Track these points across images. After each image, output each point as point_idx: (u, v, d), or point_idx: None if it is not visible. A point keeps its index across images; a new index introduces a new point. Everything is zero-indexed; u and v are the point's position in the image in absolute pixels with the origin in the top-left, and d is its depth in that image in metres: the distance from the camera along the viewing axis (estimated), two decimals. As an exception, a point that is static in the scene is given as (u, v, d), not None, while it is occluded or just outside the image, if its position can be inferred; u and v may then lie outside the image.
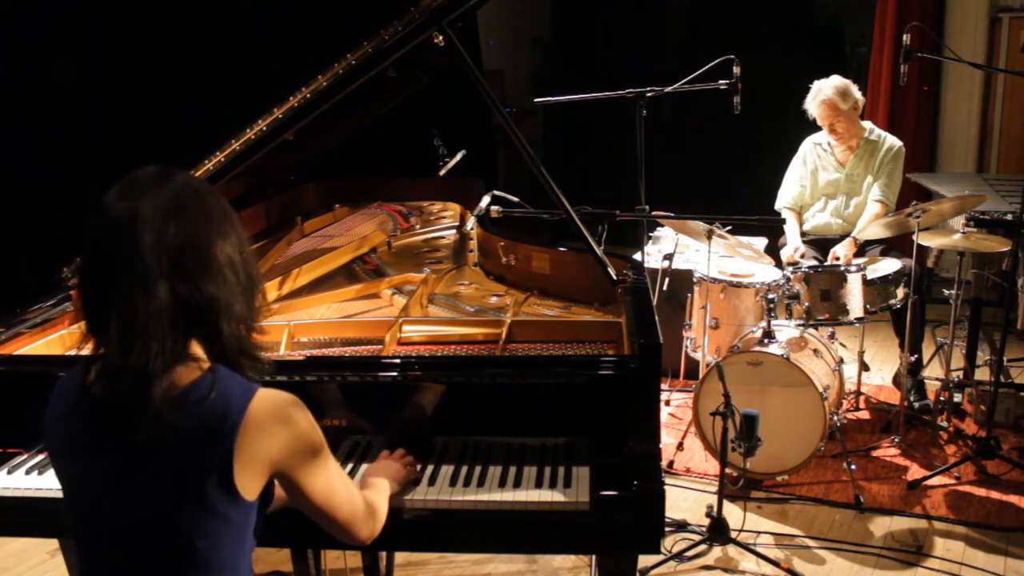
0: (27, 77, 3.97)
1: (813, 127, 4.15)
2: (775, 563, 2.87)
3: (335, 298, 2.61)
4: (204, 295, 1.31)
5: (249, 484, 1.32)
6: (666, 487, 1.76)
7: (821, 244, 4.14)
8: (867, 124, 4.10)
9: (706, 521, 2.93)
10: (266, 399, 1.33)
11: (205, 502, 1.30)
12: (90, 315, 1.34)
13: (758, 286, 3.61)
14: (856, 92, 3.98)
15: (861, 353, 3.99)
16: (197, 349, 1.35)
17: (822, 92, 3.96)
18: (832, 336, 3.86)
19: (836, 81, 3.97)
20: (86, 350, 1.36)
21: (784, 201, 4.25)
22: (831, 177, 4.13)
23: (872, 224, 3.66)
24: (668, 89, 3.67)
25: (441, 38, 2.26)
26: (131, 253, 1.27)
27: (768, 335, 3.40)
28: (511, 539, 1.82)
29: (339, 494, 1.46)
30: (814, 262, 3.90)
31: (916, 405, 3.95)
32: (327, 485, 1.43)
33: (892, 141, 4.06)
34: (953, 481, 3.40)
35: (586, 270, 2.41)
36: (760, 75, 5.08)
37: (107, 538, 1.36)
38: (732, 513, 3.04)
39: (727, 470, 2.94)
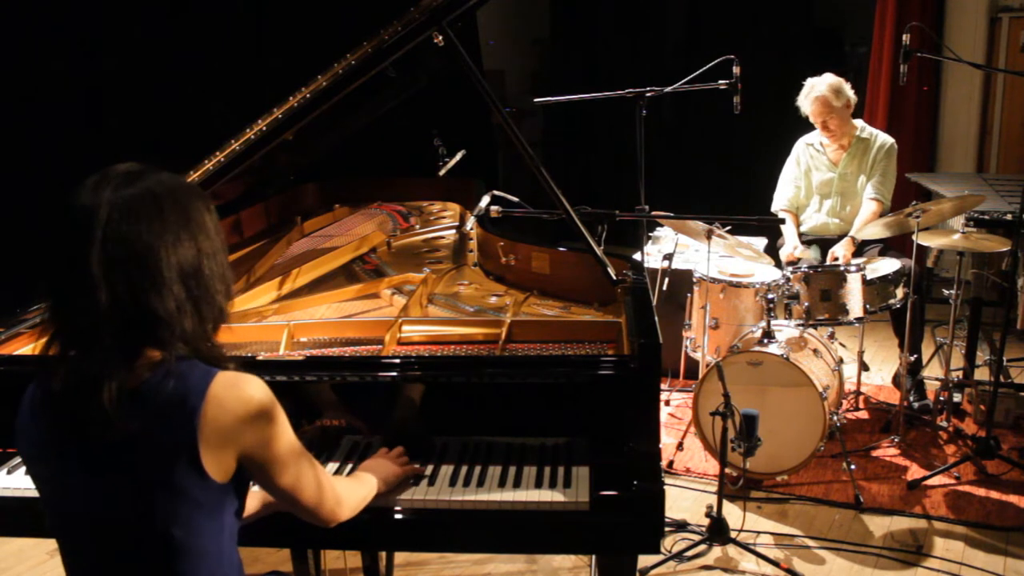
0: (27, 77, 3.97)
1: (811, 126, 4.15)
2: (775, 563, 2.87)
3: (335, 298, 2.61)
4: (145, 308, 1.28)
5: (217, 466, 1.32)
6: (666, 487, 1.77)
7: (819, 244, 4.14)
8: (858, 122, 4.10)
9: (706, 521, 2.93)
10: (226, 382, 1.32)
11: (176, 488, 1.30)
12: (48, 312, 1.34)
13: (758, 286, 3.61)
14: (849, 90, 3.99)
15: (861, 353, 3.99)
16: (153, 352, 1.32)
17: (815, 89, 3.97)
18: (832, 336, 3.86)
19: (829, 78, 3.97)
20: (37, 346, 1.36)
21: (780, 203, 4.26)
22: (824, 177, 4.13)
23: (872, 223, 3.66)
24: (668, 89, 3.67)
25: (441, 38, 2.25)
26: (79, 252, 1.26)
27: (768, 335, 3.40)
28: (511, 539, 1.82)
29: (301, 475, 1.44)
30: (813, 261, 3.90)
31: (916, 405, 3.95)
32: (289, 466, 1.42)
33: (884, 138, 4.06)
34: (953, 481, 3.40)
35: (586, 270, 2.41)
36: (760, 75, 5.09)
37: (86, 535, 1.37)
38: (732, 513, 3.05)
39: (727, 470, 2.94)
